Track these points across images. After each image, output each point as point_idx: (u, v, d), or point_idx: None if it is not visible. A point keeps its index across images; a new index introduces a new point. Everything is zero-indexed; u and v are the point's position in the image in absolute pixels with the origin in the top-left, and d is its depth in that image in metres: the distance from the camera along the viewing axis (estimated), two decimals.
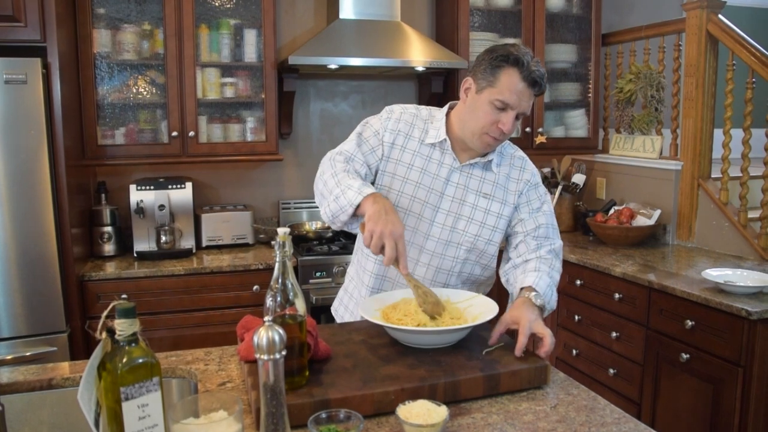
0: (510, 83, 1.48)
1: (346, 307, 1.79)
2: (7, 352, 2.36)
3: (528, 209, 1.66)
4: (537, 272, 1.56)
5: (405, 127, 1.64)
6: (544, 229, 1.66)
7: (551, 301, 1.55)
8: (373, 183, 1.66)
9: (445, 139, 1.61)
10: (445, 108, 1.67)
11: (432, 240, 1.62)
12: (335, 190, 1.48)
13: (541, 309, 1.49)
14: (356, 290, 1.75)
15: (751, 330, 2.04)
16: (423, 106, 1.71)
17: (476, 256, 1.65)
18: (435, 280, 1.65)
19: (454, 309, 1.46)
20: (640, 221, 3.03)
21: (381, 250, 1.36)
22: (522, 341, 1.35)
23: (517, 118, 1.52)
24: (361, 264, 1.71)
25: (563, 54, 3.47)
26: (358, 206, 1.43)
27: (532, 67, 1.48)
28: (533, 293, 1.49)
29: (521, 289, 1.53)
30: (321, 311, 2.79)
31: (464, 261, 1.64)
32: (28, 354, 2.37)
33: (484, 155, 1.62)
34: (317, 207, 1.84)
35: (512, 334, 1.42)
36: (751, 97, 2.65)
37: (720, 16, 2.80)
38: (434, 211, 1.62)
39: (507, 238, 1.69)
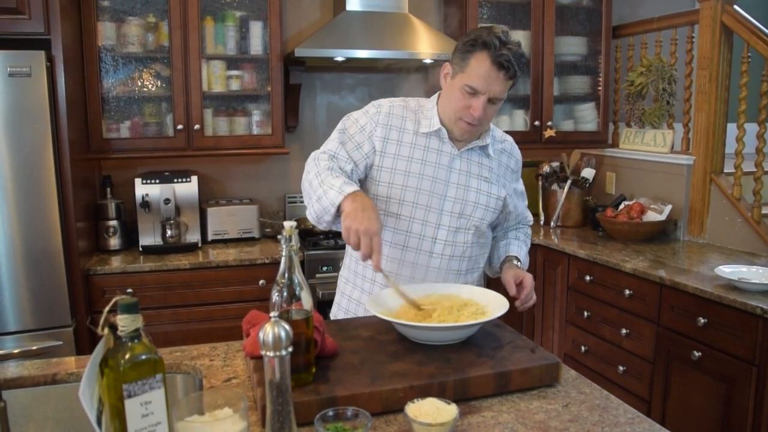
0: (478, 68, 1.50)
1: (347, 312, 1.76)
2: (14, 346, 2.36)
3: (512, 192, 1.76)
4: (517, 240, 1.80)
5: (397, 121, 1.64)
6: (523, 209, 1.84)
7: (526, 263, 1.79)
8: (365, 179, 1.66)
9: (440, 128, 1.62)
10: (435, 97, 1.68)
11: (443, 229, 1.64)
12: (318, 190, 1.49)
13: None
14: (354, 291, 1.73)
15: (765, 328, 2.00)
16: (409, 98, 1.72)
17: (478, 238, 1.70)
18: (449, 269, 1.67)
19: (465, 304, 1.44)
20: (651, 216, 2.99)
21: (358, 246, 1.37)
22: (527, 292, 1.60)
23: (493, 103, 1.54)
24: (368, 263, 1.68)
25: (573, 46, 3.43)
26: (340, 205, 1.43)
27: (501, 50, 1.48)
28: (520, 263, 1.73)
29: (507, 256, 1.75)
30: (328, 306, 2.74)
31: (472, 245, 1.69)
32: (34, 348, 2.37)
33: (479, 139, 1.65)
34: None
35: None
36: (766, 90, 2.60)
37: (735, 6, 2.74)
38: (441, 200, 1.63)
39: None
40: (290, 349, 0.93)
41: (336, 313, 1.81)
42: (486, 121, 1.59)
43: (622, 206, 3.11)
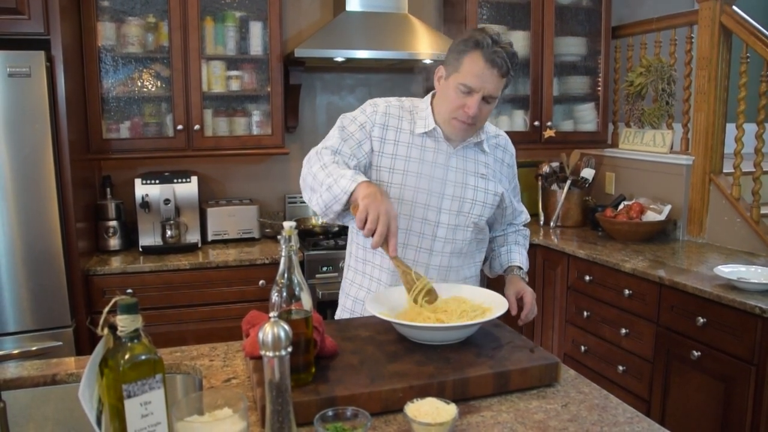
0: (472, 66, 1.52)
1: (352, 313, 1.76)
2: (13, 347, 2.36)
3: (508, 187, 1.78)
4: (517, 245, 1.83)
5: (394, 121, 1.65)
6: (517, 204, 1.84)
7: (527, 266, 1.84)
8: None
9: (435, 128, 1.63)
10: (428, 97, 1.69)
11: (442, 227, 1.65)
12: (327, 180, 1.45)
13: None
14: (360, 291, 1.73)
15: (764, 328, 2.00)
16: (403, 98, 1.73)
17: (477, 234, 1.72)
18: (449, 266, 1.68)
19: (463, 304, 1.44)
20: (650, 216, 2.99)
21: (372, 232, 1.33)
22: (528, 309, 1.67)
23: (487, 102, 1.55)
24: (368, 261, 1.69)
25: (573, 47, 3.43)
26: (352, 193, 1.39)
27: (494, 48, 1.50)
28: (522, 271, 1.79)
29: (510, 265, 1.80)
30: (327, 306, 2.77)
31: (471, 241, 1.70)
32: (33, 348, 2.37)
33: (474, 136, 1.66)
34: None
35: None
36: (765, 90, 2.61)
37: (734, 7, 2.75)
38: (440, 199, 1.64)
39: None
40: (290, 349, 0.93)
41: (341, 315, 1.80)
42: (481, 120, 1.60)
43: (621, 206, 3.12)
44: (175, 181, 2.87)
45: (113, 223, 2.86)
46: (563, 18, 3.41)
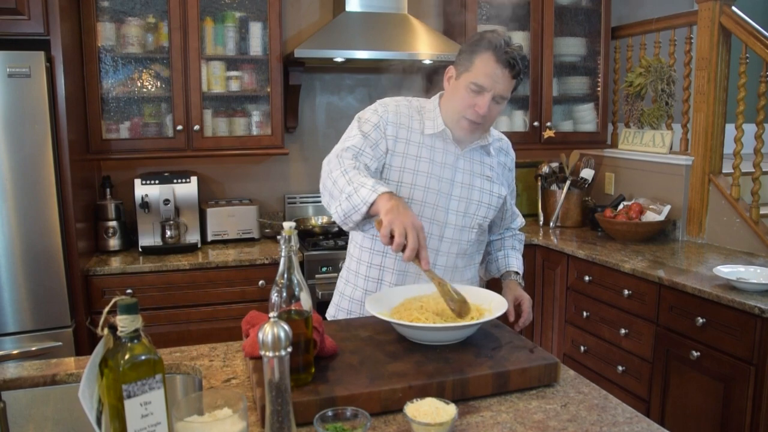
0: (484, 66, 1.53)
1: (349, 312, 1.76)
2: (13, 347, 2.36)
3: (509, 190, 1.81)
4: (514, 250, 1.88)
5: (405, 120, 1.65)
6: (513, 208, 1.86)
7: (522, 270, 1.89)
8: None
9: (444, 129, 1.64)
10: (436, 98, 1.70)
11: (449, 227, 1.66)
12: (347, 188, 1.42)
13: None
14: (356, 291, 1.73)
15: (763, 328, 2.01)
16: (410, 98, 1.74)
17: (479, 236, 1.74)
18: (455, 266, 1.70)
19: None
20: (650, 217, 2.99)
21: (401, 246, 1.31)
22: (525, 317, 1.75)
23: (497, 102, 1.57)
24: (373, 263, 1.69)
25: (572, 47, 3.43)
26: (372, 204, 1.37)
27: (507, 49, 1.52)
28: (519, 276, 1.84)
29: (507, 270, 1.85)
30: (327, 307, 2.76)
31: (474, 242, 1.72)
32: (33, 348, 2.37)
33: (481, 138, 1.68)
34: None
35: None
36: (764, 91, 2.61)
37: (733, 8, 2.75)
38: (448, 199, 1.65)
39: None
40: (289, 350, 0.93)
41: (335, 314, 1.80)
42: (489, 120, 1.61)
43: (621, 206, 3.12)
44: (175, 181, 2.87)
45: (113, 223, 2.86)
46: (563, 18, 3.42)
